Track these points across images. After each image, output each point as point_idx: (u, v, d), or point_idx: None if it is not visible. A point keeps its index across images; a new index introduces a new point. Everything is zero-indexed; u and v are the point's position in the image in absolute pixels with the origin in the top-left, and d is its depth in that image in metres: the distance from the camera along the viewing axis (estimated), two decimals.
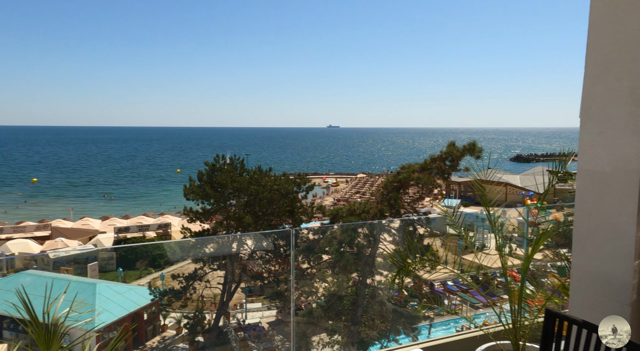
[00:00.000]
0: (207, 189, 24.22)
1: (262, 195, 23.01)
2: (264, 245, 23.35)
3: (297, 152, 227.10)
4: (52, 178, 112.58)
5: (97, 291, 22.59)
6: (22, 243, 36.25)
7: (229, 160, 25.31)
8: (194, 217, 25.07)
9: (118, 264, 33.26)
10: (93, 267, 31.10)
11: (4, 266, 33.24)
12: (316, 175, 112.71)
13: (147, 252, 34.00)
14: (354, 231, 13.98)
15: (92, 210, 68.76)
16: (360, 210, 14.29)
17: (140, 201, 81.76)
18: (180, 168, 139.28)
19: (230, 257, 24.22)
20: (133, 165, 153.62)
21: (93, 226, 45.80)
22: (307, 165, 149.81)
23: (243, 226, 23.85)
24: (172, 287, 23.13)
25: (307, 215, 24.17)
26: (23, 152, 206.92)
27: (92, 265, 31.31)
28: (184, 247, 36.12)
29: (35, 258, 33.45)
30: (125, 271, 31.61)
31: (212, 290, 25.10)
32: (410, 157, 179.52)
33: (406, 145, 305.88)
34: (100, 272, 31.80)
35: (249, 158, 40.36)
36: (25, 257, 33.87)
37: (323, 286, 16.88)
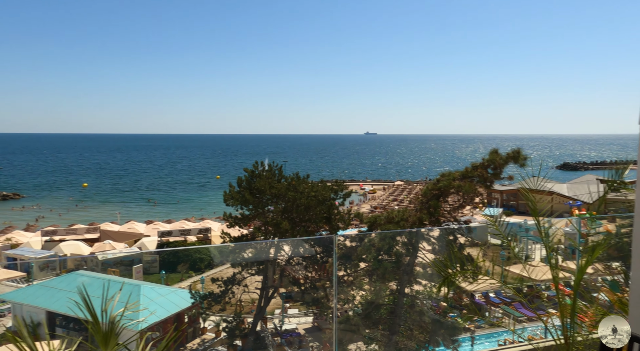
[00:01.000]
0: (246, 195, 24.63)
1: (299, 201, 23.16)
2: (301, 252, 23.48)
3: (334, 159, 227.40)
4: (100, 184, 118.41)
5: (141, 293, 23.47)
6: (74, 245, 38.26)
7: (268, 167, 25.67)
8: (233, 222, 25.52)
9: (161, 267, 34.44)
10: (138, 269, 32.37)
11: (57, 267, 35.14)
12: (353, 182, 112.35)
13: (188, 256, 35.01)
14: (392, 239, 13.81)
15: (137, 214, 71.66)
16: (399, 218, 14.10)
17: (182, 206, 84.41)
18: (220, 174, 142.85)
19: (268, 262, 24.51)
20: (175, 171, 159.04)
21: (138, 229, 47.71)
22: (344, 172, 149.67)
23: (280, 232, 24.08)
24: (212, 291, 23.64)
25: (344, 222, 24.10)
26: (74, 158, 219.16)
27: (137, 267, 32.60)
28: (223, 252, 36.94)
29: (85, 259, 35.27)
30: (167, 274, 32.68)
31: (250, 294, 25.45)
32: (449, 165, 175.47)
33: (445, 153, 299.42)
34: (144, 274, 33.05)
35: (286, 165, 40.79)
36: (76, 258, 35.80)
37: (360, 294, 16.73)
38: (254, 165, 25.60)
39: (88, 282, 25.38)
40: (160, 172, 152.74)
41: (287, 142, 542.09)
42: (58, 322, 24.59)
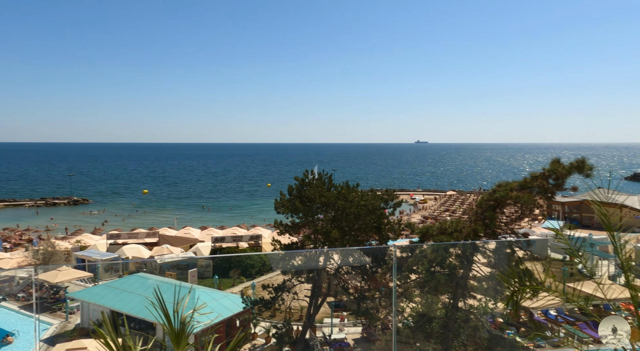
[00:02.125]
0: (297, 203, 24.92)
1: (349, 210, 23.10)
2: (350, 261, 23.37)
3: (384, 168, 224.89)
4: (158, 190, 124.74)
5: (196, 296, 24.39)
6: (135, 248, 40.47)
7: (318, 176, 25.86)
8: (283, 230, 25.89)
9: (214, 272, 35.60)
10: (193, 273, 33.67)
11: (120, 268, 37.28)
12: (403, 192, 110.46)
13: (240, 262, 35.95)
14: (445, 250, 13.44)
15: (192, 220, 74.68)
16: (452, 229, 13.70)
17: (234, 213, 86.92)
18: (270, 182, 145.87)
19: (317, 270, 24.61)
20: (227, 179, 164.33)
21: (193, 235, 49.67)
22: (394, 181, 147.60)
23: (330, 240, 24.12)
24: (262, 297, 24.05)
25: (394, 232, 23.74)
26: (134, 166, 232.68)
27: (192, 271, 33.91)
28: (274, 259, 37.55)
29: (145, 262, 37.21)
30: (220, 279, 33.70)
31: (299, 302, 25.63)
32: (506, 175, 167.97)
33: (501, 162, 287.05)
34: (198, 278, 34.33)
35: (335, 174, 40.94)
36: (137, 261, 37.83)
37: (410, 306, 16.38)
38: (304, 173, 25.88)
39: (141, 284, 26.75)
40: (213, 180, 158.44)
41: (336, 151, 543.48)
42: (120, 321, 26.13)
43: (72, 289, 30.35)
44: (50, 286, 31.14)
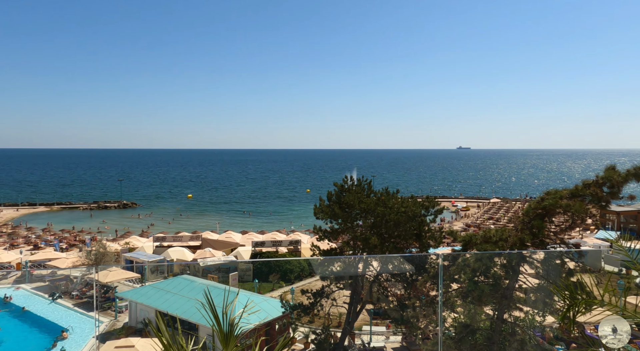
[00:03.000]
0: (336, 209, 24.92)
1: (388, 217, 22.84)
2: (390, 268, 23.07)
3: (425, 174, 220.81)
4: (200, 195, 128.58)
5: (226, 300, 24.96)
6: (179, 251, 41.86)
7: (357, 182, 25.78)
8: (322, 236, 25.96)
9: (254, 275, 36.20)
10: (234, 276, 34.39)
11: (165, 270, 38.56)
12: (444, 199, 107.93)
13: (280, 266, 36.34)
14: (489, 260, 13.01)
15: (233, 225, 76.37)
16: (497, 238, 13.23)
17: (274, 218, 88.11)
18: (309, 188, 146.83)
19: (356, 277, 24.46)
20: (267, 184, 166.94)
21: (234, 239, 50.80)
22: (435, 188, 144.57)
23: (369, 247, 23.93)
24: (301, 302, 24.18)
25: (435, 240, 23.24)
26: (178, 172, 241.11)
27: (233, 274, 34.66)
28: (313, 264, 37.68)
29: (188, 265, 38.40)
30: (260, 283, 34.21)
31: (338, 308, 25.55)
32: (555, 182, 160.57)
33: (549, 169, 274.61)
34: (239, 282, 35.02)
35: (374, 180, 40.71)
36: (181, 263, 39.12)
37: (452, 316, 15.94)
38: (344, 179, 25.86)
39: (185, 285, 27.56)
40: (252, 185, 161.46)
41: (375, 157, 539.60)
42: (166, 322, 27.07)
43: (121, 289, 31.79)
44: (102, 285, 32.75)
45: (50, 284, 35.30)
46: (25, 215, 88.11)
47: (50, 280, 36.11)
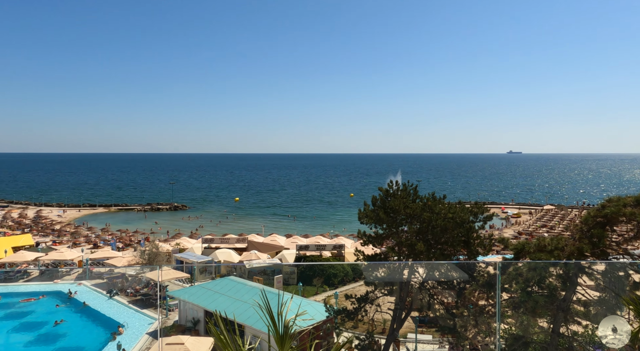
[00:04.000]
0: (381, 214, 24.69)
1: (435, 222, 22.35)
2: (436, 275, 22.50)
3: (472, 180, 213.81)
4: (246, 199, 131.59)
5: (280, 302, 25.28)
6: (226, 253, 43.01)
7: (402, 186, 25.42)
8: (367, 241, 25.78)
9: (298, 279, 36.52)
10: (279, 279, 34.87)
11: (213, 271, 39.72)
12: (494, 205, 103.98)
13: (323, 270, 36.42)
14: (544, 270, 12.39)
15: (278, 228, 77.51)
16: (552, 247, 12.57)
17: (318, 222, 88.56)
18: (352, 192, 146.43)
19: (401, 283, 24.06)
20: (310, 189, 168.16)
21: (279, 242, 51.52)
22: (484, 194, 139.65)
23: (415, 253, 23.49)
24: (345, 307, 24.10)
25: (484, 248, 22.43)
26: (225, 176, 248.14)
27: (278, 277, 35.14)
28: (357, 269, 37.49)
29: (235, 266, 39.41)
30: (304, 287, 34.46)
31: (382, 314, 25.24)
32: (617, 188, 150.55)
33: (610, 174, 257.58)
34: (283, 284, 35.45)
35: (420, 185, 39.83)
36: (228, 265, 40.22)
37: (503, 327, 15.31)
38: (389, 184, 25.58)
39: (232, 287, 28.22)
40: (296, 190, 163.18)
41: (420, 162, 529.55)
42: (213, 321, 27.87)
43: (172, 288, 33.09)
44: (154, 284, 34.28)
45: (107, 281, 37.39)
46: (86, 216, 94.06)
47: (108, 278, 38.24)
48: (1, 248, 46.29)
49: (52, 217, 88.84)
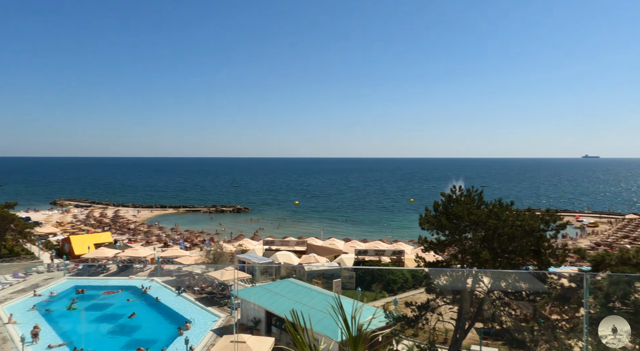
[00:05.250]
0: (443, 220, 23.98)
1: (502, 230, 21.32)
2: (503, 286, 21.42)
3: (543, 186, 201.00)
4: (305, 202, 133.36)
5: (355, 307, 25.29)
6: (286, 255, 43.87)
7: (466, 192, 24.54)
8: (428, 247, 25.14)
9: (357, 283, 36.39)
10: (337, 283, 34.98)
11: (273, 272, 40.59)
12: (567, 213, 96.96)
13: (382, 276, 36.02)
14: (628, 284, 11.42)
15: (337, 232, 77.73)
16: (638, 260, 11.56)
17: (377, 227, 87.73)
18: (410, 198, 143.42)
19: (464, 292, 23.18)
20: (368, 193, 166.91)
21: (338, 246, 51.67)
22: (556, 201, 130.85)
23: (479, 262, 22.55)
24: (405, 314, 23.62)
25: (557, 258, 21.03)
26: (283, 180, 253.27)
27: (337, 281, 35.26)
28: (417, 276, 36.65)
29: (294, 268, 40.10)
30: (363, 292, 34.27)
31: (444, 324, 24.44)
32: None
33: None
34: (342, 289, 35.50)
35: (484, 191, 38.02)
36: (287, 267, 41.01)
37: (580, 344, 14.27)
38: (452, 189, 24.83)
39: (292, 288, 28.67)
40: (354, 194, 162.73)
41: (484, 166, 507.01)
42: (273, 322, 28.49)
43: (235, 288, 34.30)
44: (219, 283, 35.79)
45: (176, 279, 39.60)
46: (157, 216, 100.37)
47: (177, 275, 40.50)
48: (85, 245, 50.71)
49: (128, 216, 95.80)
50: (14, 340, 25.56)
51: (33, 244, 52.99)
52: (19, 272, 40.07)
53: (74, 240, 51.63)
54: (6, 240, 48.21)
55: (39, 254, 49.95)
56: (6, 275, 39.11)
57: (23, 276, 39.33)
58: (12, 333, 26.66)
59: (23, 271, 40.73)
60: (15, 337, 25.95)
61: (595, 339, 13.71)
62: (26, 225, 50.19)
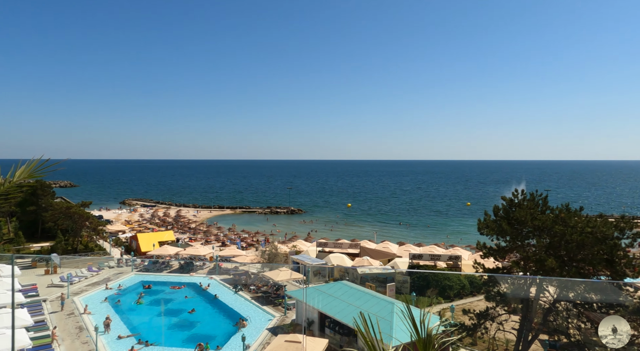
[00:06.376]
0: (504, 225, 22.97)
1: (570, 237, 20.06)
2: (571, 297, 20.12)
3: (615, 190, 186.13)
4: (357, 205, 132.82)
5: (394, 310, 24.87)
6: (339, 257, 43.94)
7: (530, 196, 23.34)
8: (487, 253, 24.16)
9: (411, 288, 35.66)
10: (391, 287, 34.49)
11: (326, 274, 40.71)
12: None
13: (438, 282, 35.05)
14: None
15: (390, 235, 76.74)
16: None
17: (432, 231, 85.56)
18: (467, 201, 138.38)
19: (527, 302, 22.03)
20: (422, 196, 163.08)
21: (391, 250, 50.96)
22: (629, 206, 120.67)
23: (544, 270, 21.33)
24: (462, 322, 22.85)
25: (634, 268, 19.42)
26: (334, 182, 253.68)
27: (391, 285, 34.77)
28: (474, 283, 35.31)
29: (347, 271, 40.04)
30: (417, 297, 33.53)
31: (505, 334, 23.37)
32: None
33: None
34: (396, 293, 34.94)
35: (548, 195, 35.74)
36: (340, 269, 41.03)
37: None
38: (513, 193, 23.73)
39: (345, 291, 28.59)
40: (407, 197, 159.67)
41: (547, 169, 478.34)
42: (327, 323, 28.62)
43: (289, 288, 34.89)
44: (273, 283, 36.56)
45: (233, 277, 40.96)
46: (215, 216, 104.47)
47: (234, 274, 41.88)
48: (150, 242, 53.91)
49: (189, 216, 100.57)
50: (89, 329, 27.66)
51: (105, 241, 57.09)
52: (92, 266, 43.34)
53: (140, 238, 55.04)
54: (82, 236, 52.33)
55: (109, 250, 53.73)
56: (82, 269, 42.44)
57: (96, 270, 42.48)
58: (87, 323, 28.88)
59: (96, 265, 44.00)
60: (89, 327, 28.09)
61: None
62: (99, 223, 54.27)
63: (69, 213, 50.86)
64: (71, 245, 50.05)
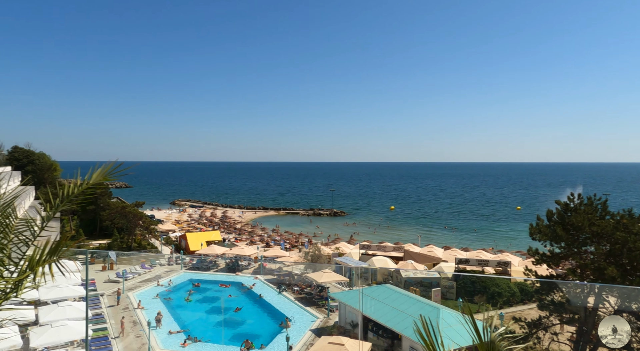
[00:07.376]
0: (558, 230, 21.89)
1: (633, 244, 18.84)
2: (634, 308, 18.83)
3: None
4: (400, 207, 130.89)
5: (440, 316, 24.29)
6: (382, 260, 43.51)
7: (587, 200, 22.10)
8: (540, 259, 23.09)
9: (457, 294, 34.68)
10: (436, 292, 33.72)
11: (369, 277, 40.44)
12: None
13: (486, 288, 33.87)
14: None
15: (435, 239, 75.03)
16: None
17: (479, 235, 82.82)
18: (516, 205, 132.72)
19: (585, 311, 20.85)
20: (467, 199, 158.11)
21: (436, 254, 49.82)
22: None
23: (604, 279, 20.11)
24: (513, 331, 21.97)
25: None
26: (378, 185, 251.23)
27: (436, 290, 34.00)
28: (525, 290, 33.83)
29: (391, 275, 39.57)
30: (464, 303, 32.56)
31: (560, 345, 22.24)
32: None
33: None
34: (441, 298, 34.10)
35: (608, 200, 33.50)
36: (384, 273, 40.63)
37: None
38: (569, 197, 22.57)
39: (389, 295, 28.22)
40: (452, 200, 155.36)
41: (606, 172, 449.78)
42: (370, 327, 28.41)
43: (332, 290, 34.95)
44: (317, 284, 36.77)
45: (277, 278, 41.59)
46: (260, 217, 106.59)
47: (278, 274, 42.52)
48: (198, 242, 55.86)
49: (235, 217, 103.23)
50: (142, 324, 29.05)
51: (157, 239, 59.78)
52: (145, 264, 45.48)
53: (189, 237, 57.15)
54: (136, 235, 55.09)
55: (160, 248, 56.19)
56: (136, 266, 44.65)
57: (149, 267, 44.54)
58: (141, 318, 30.34)
59: (149, 263, 46.14)
60: (142, 321, 29.50)
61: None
62: (151, 222, 56.90)
63: (124, 213, 53.75)
64: (126, 242, 52.85)
